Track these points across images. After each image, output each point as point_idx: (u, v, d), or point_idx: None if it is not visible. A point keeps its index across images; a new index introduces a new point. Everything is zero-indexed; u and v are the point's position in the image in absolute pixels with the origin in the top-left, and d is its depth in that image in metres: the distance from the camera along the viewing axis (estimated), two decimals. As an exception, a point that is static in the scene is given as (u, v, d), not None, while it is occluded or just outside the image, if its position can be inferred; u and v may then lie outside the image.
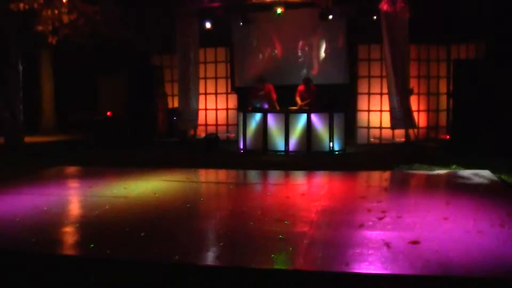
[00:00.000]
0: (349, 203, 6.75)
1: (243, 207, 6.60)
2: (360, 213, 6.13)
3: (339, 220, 5.84)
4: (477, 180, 8.16)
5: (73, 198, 7.47)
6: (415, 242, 4.85)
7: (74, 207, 6.88)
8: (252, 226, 5.60)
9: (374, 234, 5.18)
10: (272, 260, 4.51)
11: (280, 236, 5.13)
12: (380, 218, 5.81)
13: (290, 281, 4.11)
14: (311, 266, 4.35)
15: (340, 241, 4.99)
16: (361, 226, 5.52)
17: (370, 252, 4.62)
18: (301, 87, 13.09)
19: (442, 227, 5.43)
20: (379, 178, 8.98)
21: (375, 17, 13.16)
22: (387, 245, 4.79)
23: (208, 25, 14.41)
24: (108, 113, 15.58)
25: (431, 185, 8.12)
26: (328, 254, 4.62)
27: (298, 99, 12.87)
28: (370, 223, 5.64)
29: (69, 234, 5.50)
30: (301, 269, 4.24)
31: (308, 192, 7.55)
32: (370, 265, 4.29)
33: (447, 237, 5.06)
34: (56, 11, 10.39)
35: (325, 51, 14.65)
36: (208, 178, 9.45)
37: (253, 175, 9.56)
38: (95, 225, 5.72)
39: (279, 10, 13.66)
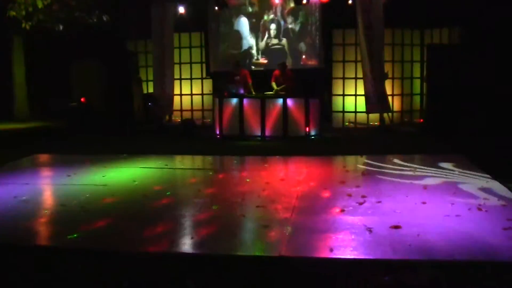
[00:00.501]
0: (329, 188, 6.81)
1: (224, 193, 6.63)
2: (341, 198, 6.20)
3: (320, 205, 5.91)
4: (453, 164, 8.29)
5: (52, 187, 7.39)
6: (396, 227, 4.94)
7: (54, 196, 6.80)
8: (234, 213, 5.63)
9: (355, 219, 5.25)
10: (257, 247, 4.55)
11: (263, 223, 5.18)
12: (361, 203, 5.90)
13: (275, 267, 4.16)
14: (296, 252, 4.40)
15: (323, 226, 5.06)
16: (342, 211, 5.59)
17: (352, 237, 4.69)
18: (276, 72, 13.09)
19: (421, 212, 5.53)
20: (357, 162, 9.08)
21: (350, 1, 13.18)
22: (369, 230, 4.86)
23: (182, 9, 14.31)
24: (82, 99, 15.42)
25: (408, 169, 8.22)
26: (311, 240, 4.67)
27: (273, 84, 12.89)
28: (351, 208, 5.72)
29: (50, 224, 5.46)
30: (286, 255, 4.29)
31: (287, 178, 7.59)
32: (353, 250, 4.36)
33: (427, 221, 5.15)
34: (30, -4, 10.22)
35: (300, 36, 14.68)
36: (187, 165, 9.43)
37: (231, 161, 9.56)
38: (76, 214, 5.68)
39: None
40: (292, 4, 14.27)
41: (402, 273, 3.95)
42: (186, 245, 4.70)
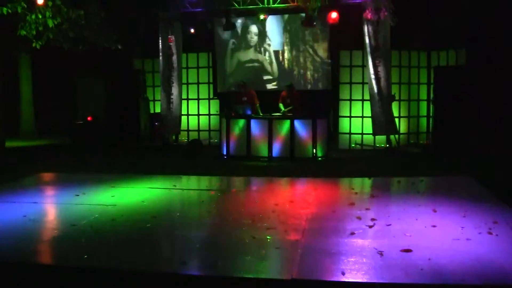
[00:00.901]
0: (338, 210, 6.80)
1: (234, 215, 6.61)
2: (350, 221, 6.18)
3: (330, 227, 5.89)
4: (461, 186, 8.28)
5: (61, 206, 7.35)
6: (407, 250, 4.92)
7: (63, 216, 6.76)
8: (245, 234, 5.61)
9: (366, 242, 5.24)
10: (269, 269, 4.53)
11: (274, 244, 5.17)
12: (370, 226, 5.88)
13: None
14: (308, 275, 4.38)
15: (333, 249, 5.04)
16: (353, 234, 5.57)
17: (364, 260, 4.68)
18: (283, 93, 13.14)
19: (431, 235, 5.51)
20: (365, 184, 9.08)
21: (358, 24, 13.23)
22: (380, 253, 4.85)
23: (191, 30, 14.42)
24: (89, 118, 15.49)
25: (416, 191, 8.22)
26: (323, 263, 4.67)
27: (281, 105, 12.92)
28: (361, 231, 5.70)
29: (60, 244, 5.45)
30: (298, 278, 4.28)
31: (296, 199, 7.56)
32: (365, 274, 4.35)
33: (438, 245, 5.14)
34: (40, 16, 10.27)
35: (308, 57, 14.74)
36: (195, 185, 9.41)
37: (239, 182, 9.54)
38: (86, 234, 5.68)
39: (262, 16, 13.73)
40: (300, 27, 14.31)
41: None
42: (197, 266, 4.70)
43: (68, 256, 4.99)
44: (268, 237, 5.47)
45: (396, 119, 13.54)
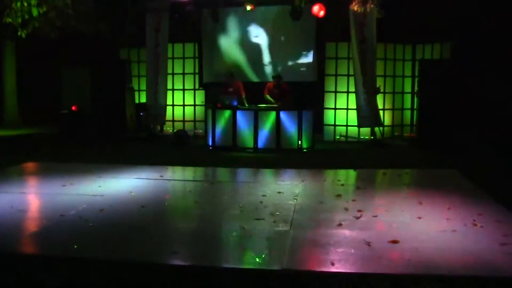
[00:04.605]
0: (325, 202, 6.87)
1: (222, 205, 6.65)
2: (337, 212, 6.25)
3: (318, 219, 5.96)
4: (446, 179, 8.40)
5: (49, 196, 7.31)
6: (394, 241, 5.00)
7: (51, 206, 6.68)
8: (234, 225, 5.66)
9: (354, 234, 5.31)
10: (259, 259, 4.58)
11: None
12: (358, 217, 5.96)
13: (278, 281, 4.19)
14: (298, 265, 4.44)
15: (322, 240, 5.10)
16: (340, 225, 5.64)
17: (352, 251, 4.75)
18: (270, 84, 13.16)
19: (418, 227, 5.60)
20: (350, 176, 9.16)
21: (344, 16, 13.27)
22: (368, 244, 4.92)
23: (177, 19, 14.37)
24: (73, 107, 15.36)
25: (402, 183, 8.32)
26: (313, 254, 4.73)
27: (267, 96, 12.93)
28: (348, 222, 5.78)
29: (50, 234, 5.43)
30: (289, 268, 4.33)
31: (283, 190, 7.60)
32: (354, 264, 4.42)
33: (424, 236, 5.23)
34: (26, 4, 10.15)
35: (294, 49, 14.78)
36: (182, 176, 9.43)
37: (226, 173, 9.58)
38: (76, 225, 5.69)
39: (249, 7, 13.73)
40: (286, 19, 14.32)
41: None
42: (187, 257, 4.73)
43: (58, 246, 4.97)
44: (262, 234, 5.51)
45: (381, 112, 13.64)
